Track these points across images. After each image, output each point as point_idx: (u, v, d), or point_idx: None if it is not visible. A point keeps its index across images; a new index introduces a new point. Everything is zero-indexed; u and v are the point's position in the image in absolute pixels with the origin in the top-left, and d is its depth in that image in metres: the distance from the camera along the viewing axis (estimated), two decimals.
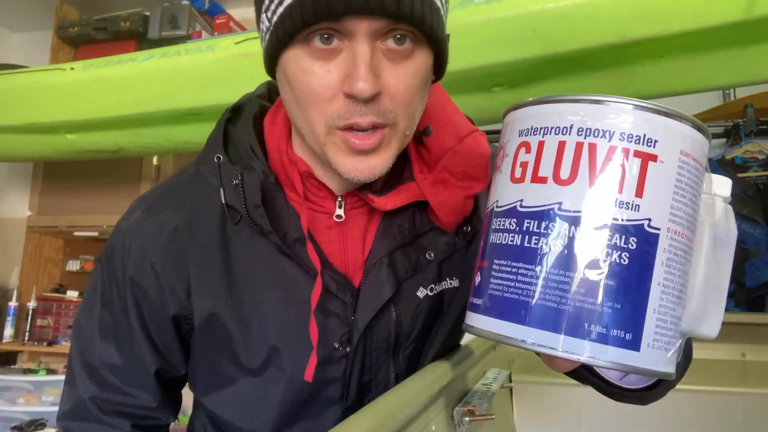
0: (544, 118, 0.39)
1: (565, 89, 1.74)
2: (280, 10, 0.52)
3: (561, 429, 0.96)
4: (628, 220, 0.36)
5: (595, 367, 0.51)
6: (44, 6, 3.23)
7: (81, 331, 0.72)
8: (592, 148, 0.36)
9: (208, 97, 1.85)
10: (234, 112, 0.71)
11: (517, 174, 0.39)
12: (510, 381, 0.95)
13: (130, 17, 2.93)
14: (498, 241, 0.40)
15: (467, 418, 0.66)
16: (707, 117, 2.42)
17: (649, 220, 0.36)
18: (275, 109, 0.69)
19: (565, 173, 0.37)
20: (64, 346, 2.85)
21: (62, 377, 2.67)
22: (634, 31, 1.44)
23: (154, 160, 2.92)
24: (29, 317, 2.96)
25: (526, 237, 0.37)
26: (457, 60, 1.55)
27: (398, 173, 0.67)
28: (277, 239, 0.62)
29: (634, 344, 0.36)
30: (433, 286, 0.68)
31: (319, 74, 0.53)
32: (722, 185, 0.42)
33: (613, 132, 0.36)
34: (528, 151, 0.39)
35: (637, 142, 0.36)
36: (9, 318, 2.94)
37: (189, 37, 2.79)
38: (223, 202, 0.63)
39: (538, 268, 0.37)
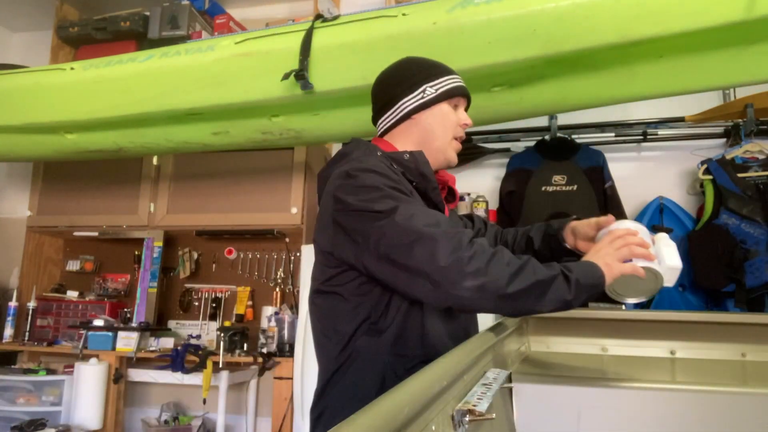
0: None
1: (565, 89, 1.74)
2: (445, 87, 1.18)
3: (561, 429, 0.96)
4: None
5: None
6: (44, 6, 3.23)
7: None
8: None
9: (208, 97, 1.85)
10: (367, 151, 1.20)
11: None
12: (510, 381, 0.95)
13: (130, 17, 2.93)
14: None
15: (467, 418, 0.66)
16: (707, 117, 2.42)
17: None
18: (378, 143, 1.20)
19: None
20: (64, 346, 2.85)
21: (62, 377, 2.64)
22: (634, 31, 1.44)
23: (154, 160, 2.92)
24: (29, 317, 2.96)
25: None
26: (457, 60, 1.56)
27: None
28: (430, 197, 1.12)
29: None
30: None
31: (453, 115, 1.19)
32: None
33: None
34: None
35: None
36: (9, 318, 2.94)
37: (189, 37, 2.79)
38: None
39: None
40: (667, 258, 1.04)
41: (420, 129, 1.18)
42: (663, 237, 1.11)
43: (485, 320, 1.34)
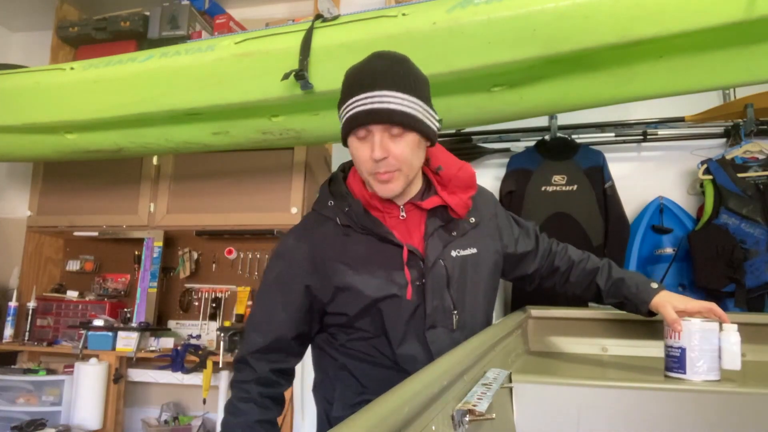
0: None
1: (565, 89, 1.74)
2: (343, 119, 1.09)
3: (561, 429, 0.96)
4: None
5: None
6: (44, 6, 3.23)
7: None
8: None
9: (208, 97, 1.85)
10: (331, 180, 1.24)
11: None
12: (510, 381, 0.95)
13: (130, 17, 2.93)
14: None
15: (467, 418, 0.66)
16: (707, 117, 2.42)
17: None
18: (353, 173, 1.22)
19: None
20: (64, 346, 2.85)
21: (62, 377, 2.64)
22: (634, 31, 1.44)
23: (154, 160, 2.92)
24: (29, 317, 2.96)
25: None
26: (457, 60, 1.56)
27: (428, 192, 1.23)
28: (376, 234, 1.15)
29: None
30: (460, 250, 1.21)
31: (362, 150, 1.09)
32: None
33: None
34: None
35: None
36: (9, 318, 2.94)
37: (189, 37, 2.79)
38: (339, 223, 1.17)
39: None
40: (726, 361, 1.12)
41: None
42: (730, 330, 1.14)
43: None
